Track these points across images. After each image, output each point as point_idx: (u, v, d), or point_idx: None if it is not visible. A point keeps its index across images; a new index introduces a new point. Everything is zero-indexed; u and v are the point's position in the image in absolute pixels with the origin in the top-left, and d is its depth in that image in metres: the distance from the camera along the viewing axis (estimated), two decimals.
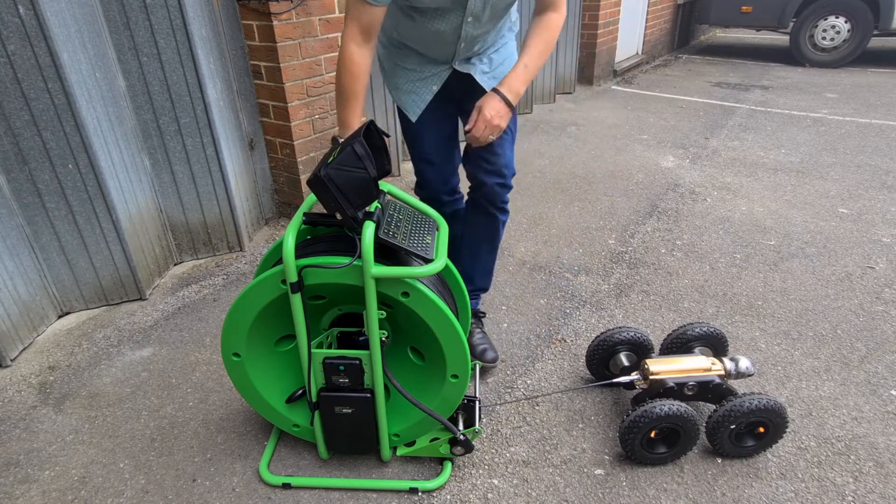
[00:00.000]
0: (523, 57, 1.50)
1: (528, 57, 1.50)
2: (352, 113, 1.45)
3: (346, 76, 1.42)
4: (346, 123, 1.46)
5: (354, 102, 1.45)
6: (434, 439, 1.51)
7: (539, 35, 1.50)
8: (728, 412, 1.47)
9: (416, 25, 1.50)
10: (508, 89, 1.48)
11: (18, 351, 2.00)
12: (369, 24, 1.38)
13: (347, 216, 1.19)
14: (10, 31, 1.74)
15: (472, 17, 1.45)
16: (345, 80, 1.42)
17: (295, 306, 1.26)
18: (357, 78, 1.42)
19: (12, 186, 1.92)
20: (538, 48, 1.50)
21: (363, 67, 1.42)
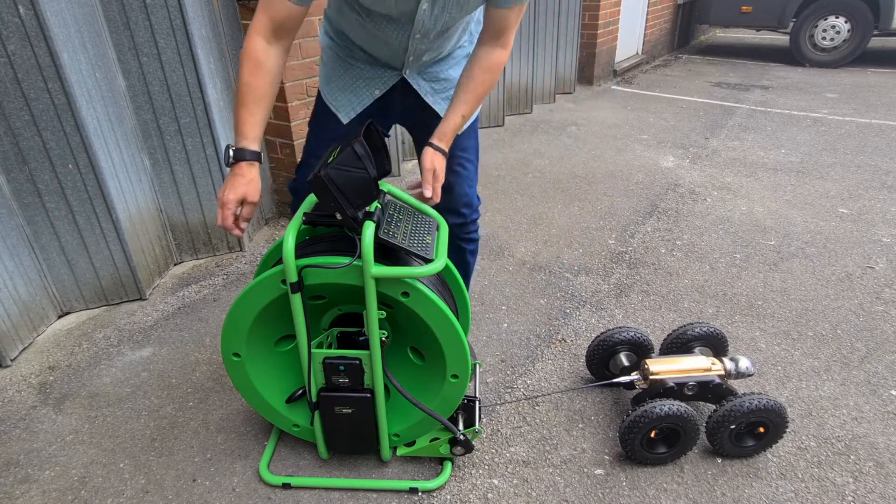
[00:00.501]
0: (461, 106, 1.38)
1: (465, 107, 1.38)
2: (250, 117, 1.25)
3: (246, 73, 1.23)
4: (241, 130, 1.25)
5: (255, 105, 1.25)
6: (434, 439, 1.51)
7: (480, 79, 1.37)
8: (728, 412, 1.47)
9: (363, 25, 1.36)
10: (447, 143, 1.39)
11: (18, 351, 2.00)
12: (283, 21, 1.23)
13: (347, 216, 1.19)
14: (10, 31, 1.74)
15: (420, 34, 1.34)
16: (245, 78, 1.24)
17: (295, 306, 1.26)
18: (258, 76, 1.24)
19: (12, 186, 1.92)
20: (477, 95, 1.38)
21: (268, 67, 1.24)
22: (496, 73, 1.38)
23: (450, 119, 1.39)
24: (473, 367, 1.72)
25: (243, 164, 1.26)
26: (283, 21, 1.22)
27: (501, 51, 1.36)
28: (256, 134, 1.27)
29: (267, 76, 1.25)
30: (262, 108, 1.27)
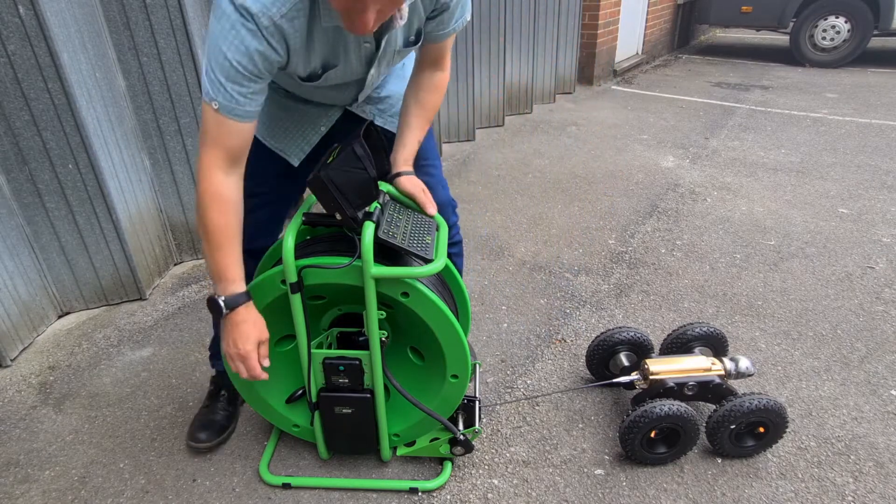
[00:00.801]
0: (416, 132, 1.37)
1: (420, 132, 1.38)
2: (230, 260, 1.18)
3: (215, 214, 1.13)
4: (224, 275, 1.18)
5: (230, 245, 1.17)
6: (434, 439, 1.51)
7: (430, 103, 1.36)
8: (728, 412, 1.47)
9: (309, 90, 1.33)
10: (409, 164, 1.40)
11: (18, 351, 2.01)
12: (239, 146, 1.13)
13: (347, 216, 1.19)
14: (10, 31, 1.74)
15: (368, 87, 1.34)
16: (215, 219, 1.14)
17: (295, 306, 1.26)
18: (228, 214, 1.15)
19: (12, 186, 1.92)
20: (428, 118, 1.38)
21: (234, 201, 1.16)
22: (443, 91, 1.39)
23: (408, 145, 1.38)
24: (473, 367, 1.72)
25: (240, 310, 1.20)
26: (238, 147, 1.14)
27: (442, 73, 1.37)
28: (241, 273, 1.21)
29: (235, 211, 1.17)
30: (238, 245, 1.20)
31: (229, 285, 1.19)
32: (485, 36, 4.01)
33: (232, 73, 1.05)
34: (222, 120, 1.09)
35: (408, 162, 1.39)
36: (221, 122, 1.10)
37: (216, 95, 1.07)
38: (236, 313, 1.20)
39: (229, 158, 1.13)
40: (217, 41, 1.03)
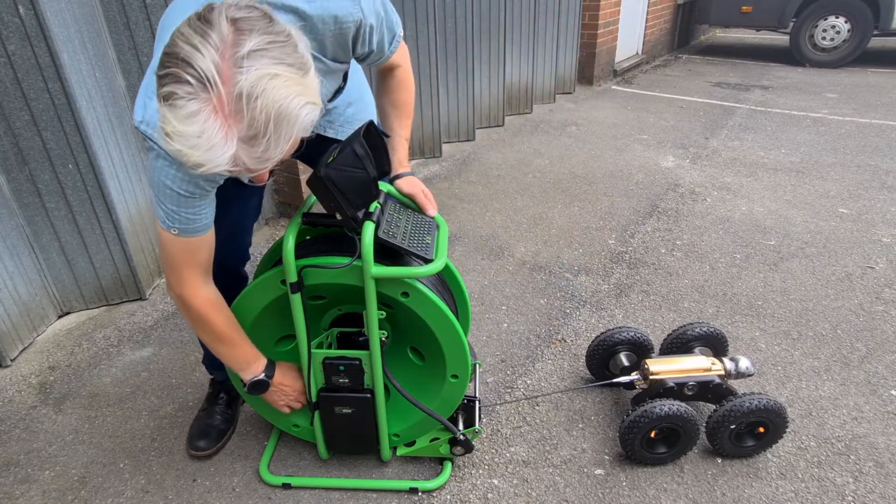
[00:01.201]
0: (401, 131, 1.39)
1: (404, 130, 1.39)
2: (247, 346, 1.30)
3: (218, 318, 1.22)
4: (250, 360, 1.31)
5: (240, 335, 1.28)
6: (434, 439, 1.51)
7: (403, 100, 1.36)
8: (728, 412, 1.47)
9: None
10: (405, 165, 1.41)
11: (18, 351, 2.00)
12: (209, 256, 1.19)
13: (347, 216, 1.18)
14: (10, 31, 1.74)
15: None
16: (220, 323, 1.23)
17: (295, 306, 1.26)
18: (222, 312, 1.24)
19: (12, 186, 1.92)
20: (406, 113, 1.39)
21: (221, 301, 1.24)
22: (409, 83, 1.37)
23: (398, 147, 1.39)
24: (473, 367, 1.72)
25: (277, 375, 1.37)
26: (208, 257, 1.19)
27: (399, 69, 1.34)
28: (255, 348, 1.33)
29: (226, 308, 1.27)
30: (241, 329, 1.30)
31: (257, 364, 1.34)
32: (485, 36, 4.01)
33: (181, 200, 1.07)
34: (187, 241, 1.13)
35: (402, 163, 1.40)
36: (187, 244, 1.13)
37: (174, 224, 1.10)
38: (275, 380, 1.37)
39: (204, 270, 1.20)
40: (159, 177, 1.06)
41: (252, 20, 0.79)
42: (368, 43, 1.12)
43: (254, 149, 0.81)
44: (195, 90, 0.76)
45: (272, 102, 0.78)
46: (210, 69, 0.75)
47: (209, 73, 0.75)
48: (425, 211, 1.38)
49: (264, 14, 0.82)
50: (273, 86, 0.77)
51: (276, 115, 0.79)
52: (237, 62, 0.76)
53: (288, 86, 0.79)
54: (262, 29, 0.79)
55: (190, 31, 0.77)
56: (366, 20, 1.07)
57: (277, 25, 0.82)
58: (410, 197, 1.39)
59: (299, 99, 0.80)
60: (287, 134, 0.82)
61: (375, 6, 1.10)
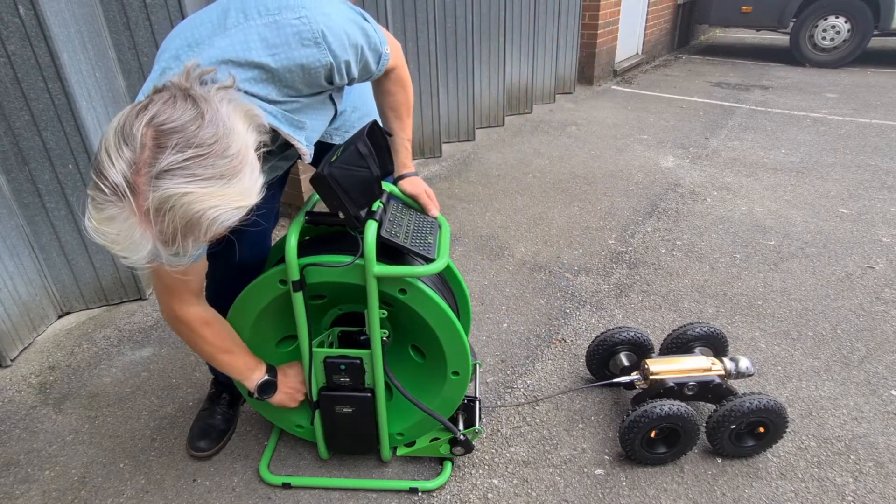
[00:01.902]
0: (401, 133, 1.39)
1: (405, 132, 1.39)
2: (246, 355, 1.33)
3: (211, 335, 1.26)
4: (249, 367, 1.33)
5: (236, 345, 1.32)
6: (434, 439, 1.51)
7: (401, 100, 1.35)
8: (728, 412, 1.47)
9: None
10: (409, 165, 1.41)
11: (18, 351, 2.00)
12: (200, 282, 1.22)
13: (350, 215, 1.19)
14: (10, 31, 1.73)
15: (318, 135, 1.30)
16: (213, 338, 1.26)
17: (296, 305, 1.26)
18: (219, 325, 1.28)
19: (12, 186, 1.92)
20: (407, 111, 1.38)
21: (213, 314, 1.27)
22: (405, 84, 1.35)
23: (401, 148, 1.40)
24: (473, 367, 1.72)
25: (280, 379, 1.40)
26: (199, 283, 1.21)
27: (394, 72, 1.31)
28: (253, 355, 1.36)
29: (219, 320, 1.29)
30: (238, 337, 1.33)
31: (258, 372, 1.36)
32: (485, 36, 4.01)
33: None
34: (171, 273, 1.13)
35: (406, 165, 1.41)
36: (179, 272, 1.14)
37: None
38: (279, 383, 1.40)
39: (195, 294, 1.22)
40: None
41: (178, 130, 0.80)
42: (347, 75, 1.11)
43: (167, 249, 0.83)
44: (111, 198, 0.79)
45: (180, 218, 0.80)
46: (121, 183, 0.78)
47: (120, 186, 0.78)
48: (428, 211, 1.39)
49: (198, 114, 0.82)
50: (182, 203, 0.79)
51: (183, 228, 0.81)
52: (149, 179, 0.78)
53: (201, 201, 0.80)
54: (183, 142, 0.79)
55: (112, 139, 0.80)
56: (337, 61, 1.04)
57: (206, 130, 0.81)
58: (413, 197, 1.40)
59: (212, 211, 0.81)
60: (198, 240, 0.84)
61: (351, 40, 1.06)
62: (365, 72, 1.18)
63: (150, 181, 0.78)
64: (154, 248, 0.83)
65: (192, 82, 0.87)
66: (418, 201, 1.40)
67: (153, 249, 0.83)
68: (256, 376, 1.35)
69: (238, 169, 0.84)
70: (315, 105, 1.15)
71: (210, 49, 0.97)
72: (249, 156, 0.87)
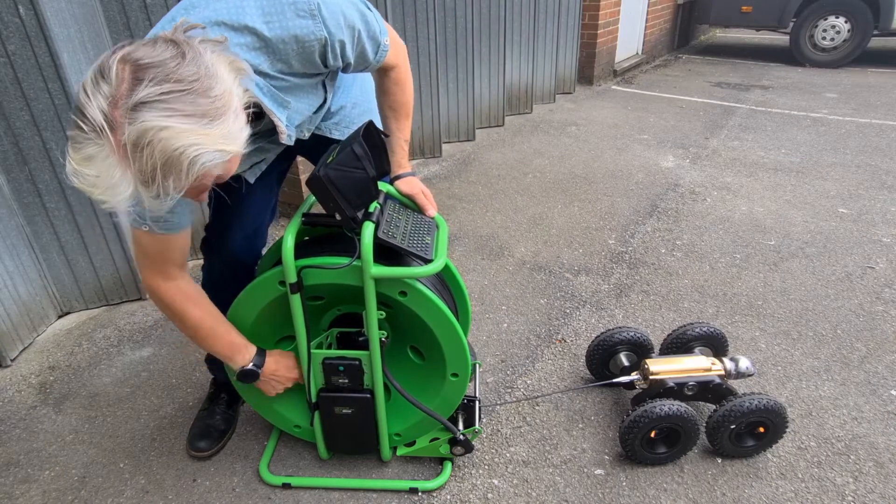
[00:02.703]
0: (399, 133, 1.37)
1: (403, 132, 1.38)
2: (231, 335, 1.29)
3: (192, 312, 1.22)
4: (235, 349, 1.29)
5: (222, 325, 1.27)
6: (434, 439, 1.51)
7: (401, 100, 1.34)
8: (728, 412, 1.47)
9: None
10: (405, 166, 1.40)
11: (18, 351, 2.00)
12: (182, 255, 1.20)
13: (347, 216, 1.19)
14: (10, 31, 1.74)
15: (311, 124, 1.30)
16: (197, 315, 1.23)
17: (294, 307, 1.26)
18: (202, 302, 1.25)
19: (12, 186, 1.92)
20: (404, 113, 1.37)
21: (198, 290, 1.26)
22: (405, 83, 1.34)
23: (397, 148, 1.39)
24: (473, 367, 1.72)
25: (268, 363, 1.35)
26: (182, 254, 1.21)
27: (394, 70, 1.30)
28: (242, 336, 1.32)
29: (204, 297, 1.27)
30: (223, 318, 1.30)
31: (245, 353, 1.31)
32: (485, 36, 4.01)
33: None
34: (159, 238, 1.14)
35: (402, 164, 1.41)
36: (159, 240, 1.15)
37: (144, 220, 1.11)
38: (266, 368, 1.35)
39: (177, 265, 1.21)
40: None
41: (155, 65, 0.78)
42: (342, 57, 1.10)
43: (148, 190, 0.81)
44: (90, 136, 0.77)
45: (159, 154, 0.77)
46: (98, 118, 0.76)
47: (97, 122, 0.76)
48: (425, 211, 1.39)
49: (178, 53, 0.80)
50: (160, 138, 0.77)
51: (162, 165, 0.78)
52: (126, 112, 0.76)
53: (181, 137, 0.78)
54: (161, 76, 0.78)
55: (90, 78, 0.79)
56: (332, 38, 1.04)
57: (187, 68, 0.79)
58: (410, 197, 1.39)
59: (193, 149, 0.79)
60: (179, 181, 0.81)
61: (347, 20, 1.06)
62: (362, 59, 1.17)
63: (127, 113, 0.76)
64: (135, 190, 0.80)
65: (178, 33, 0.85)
66: (415, 201, 1.39)
67: (134, 191, 0.81)
68: (240, 360, 1.30)
69: (221, 112, 0.82)
70: (305, 88, 1.14)
71: (205, 10, 0.97)
72: (234, 102, 0.85)
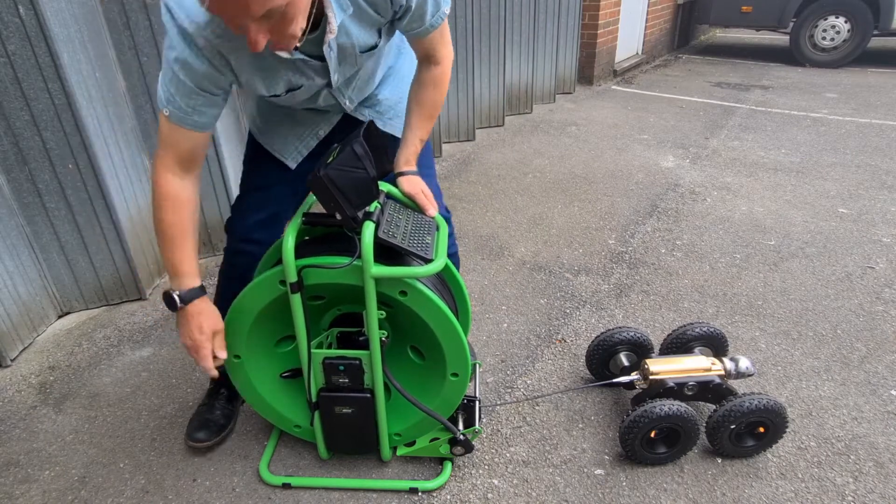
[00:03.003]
0: (417, 131, 1.37)
1: (421, 131, 1.37)
2: (184, 255, 1.23)
3: (168, 213, 1.20)
4: (179, 270, 1.23)
5: (184, 241, 1.23)
6: (434, 439, 1.51)
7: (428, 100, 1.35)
8: (728, 412, 1.47)
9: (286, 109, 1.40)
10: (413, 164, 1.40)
11: (18, 351, 2.00)
12: (190, 152, 1.19)
13: (347, 216, 1.19)
14: (10, 31, 1.74)
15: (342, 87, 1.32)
16: (168, 218, 1.20)
17: (295, 307, 1.26)
18: (180, 212, 1.21)
19: (12, 186, 1.92)
20: (430, 115, 1.37)
21: (186, 200, 1.22)
22: (441, 86, 1.35)
23: (409, 144, 1.38)
24: (473, 367, 1.72)
25: (196, 302, 1.26)
26: (190, 153, 1.20)
27: (437, 66, 1.33)
28: (194, 267, 1.26)
29: (187, 209, 1.23)
30: (192, 241, 1.26)
31: (184, 279, 1.25)
32: (485, 36, 4.01)
33: (180, 86, 1.12)
34: (174, 128, 1.16)
35: (409, 162, 1.39)
36: (173, 130, 1.17)
37: (167, 104, 1.15)
38: (192, 306, 1.26)
39: (182, 162, 1.20)
40: (168, 55, 1.10)
41: None
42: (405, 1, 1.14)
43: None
44: None
45: None
46: None
47: None
48: (425, 211, 1.38)
49: None
50: None
51: None
52: None
53: None
54: None
55: None
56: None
57: None
58: (410, 197, 1.38)
59: None
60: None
61: None
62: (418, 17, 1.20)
63: None
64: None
65: None
66: (415, 201, 1.38)
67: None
68: (174, 283, 1.25)
69: None
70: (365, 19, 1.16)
71: None
72: None
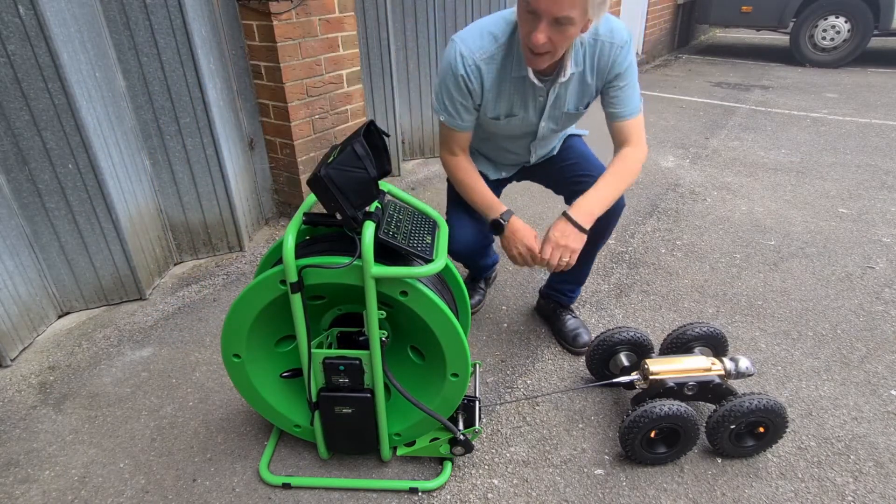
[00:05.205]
0: (597, 183, 1.59)
1: (601, 182, 1.59)
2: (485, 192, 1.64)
3: (460, 173, 1.66)
4: (490, 203, 1.63)
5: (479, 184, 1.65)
6: (434, 439, 1.51)
7: (615, 166, 1.62)
8: (728, 412, 1.47)
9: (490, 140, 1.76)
10: (577, 211, 1.54)
11: (18, 351, 2.00)
12: (460, 144, 1.65)
13: (347, 216, 1.19)
14: (10, 31, 1.74)
15: (540, 139, 1.72)
16: (461, 176, 1.66)
17: (295, 306, 1.26)
18: (467, 169, 1.66)
19: (12, 186, 1.92)
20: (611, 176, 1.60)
21: (465, 163, 1.67)
22: (631, 163, 1.62)
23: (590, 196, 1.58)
24: (473, 367, 1.72)
25: (513, 220, 1.60)
26: (459, 144, 1.65)
27: (630, 149, 1.63)
28: (497, 199, 1.64)
29: (469, 168, 1.68)
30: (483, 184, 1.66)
31: (497, 208, 1.62)
32: None
33: (448, 97, 1.55)
34: (446, 129, 1.62)
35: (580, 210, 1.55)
36: (447, 130, 1.63)
37: (441, 112, 1.59)
38: (512, 223, 1.60)
39: (459, 148, 1.67)
40: (444, 74, 1.52)
41: None
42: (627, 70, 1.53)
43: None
44: None
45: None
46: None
47: None
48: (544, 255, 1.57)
49: None
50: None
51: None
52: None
53: None
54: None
55: None
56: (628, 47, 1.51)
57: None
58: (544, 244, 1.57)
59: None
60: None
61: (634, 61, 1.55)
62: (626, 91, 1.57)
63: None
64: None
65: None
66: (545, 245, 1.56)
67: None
68: (491, 213, 1.62)
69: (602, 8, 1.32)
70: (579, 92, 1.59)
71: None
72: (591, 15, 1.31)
